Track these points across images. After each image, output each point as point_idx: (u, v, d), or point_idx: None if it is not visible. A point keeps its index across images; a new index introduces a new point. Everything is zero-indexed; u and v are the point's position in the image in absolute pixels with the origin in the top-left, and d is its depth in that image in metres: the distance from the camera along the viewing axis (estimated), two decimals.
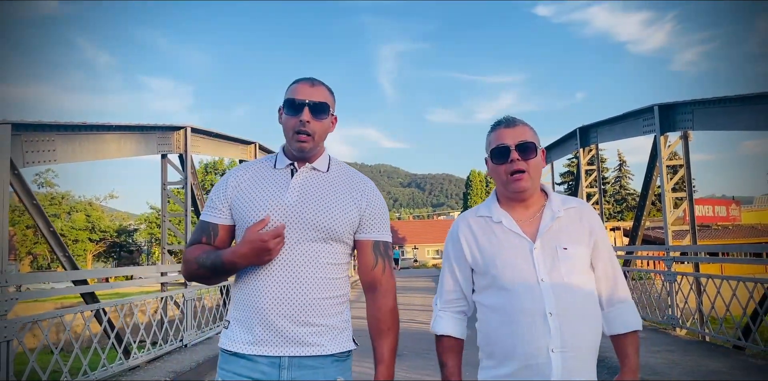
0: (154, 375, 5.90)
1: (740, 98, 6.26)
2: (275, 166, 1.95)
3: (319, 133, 1.89)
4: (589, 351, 1.78)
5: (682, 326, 7.68)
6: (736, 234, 32.53)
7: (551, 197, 1.92)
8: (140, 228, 55.69)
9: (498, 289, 1.82)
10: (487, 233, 1.89)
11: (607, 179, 53.79)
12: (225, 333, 1.89)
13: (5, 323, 4.22)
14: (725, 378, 5.08)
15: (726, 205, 35.81)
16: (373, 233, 1.95)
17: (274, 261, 1.80)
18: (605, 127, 10.24)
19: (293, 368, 1.79)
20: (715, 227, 34.94)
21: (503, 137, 1.86)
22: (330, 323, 1.84)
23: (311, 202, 1.86)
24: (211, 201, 1.95)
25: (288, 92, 1.91)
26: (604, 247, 1.90)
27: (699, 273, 7.66)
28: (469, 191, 60.54)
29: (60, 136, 5.31)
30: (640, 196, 9.36)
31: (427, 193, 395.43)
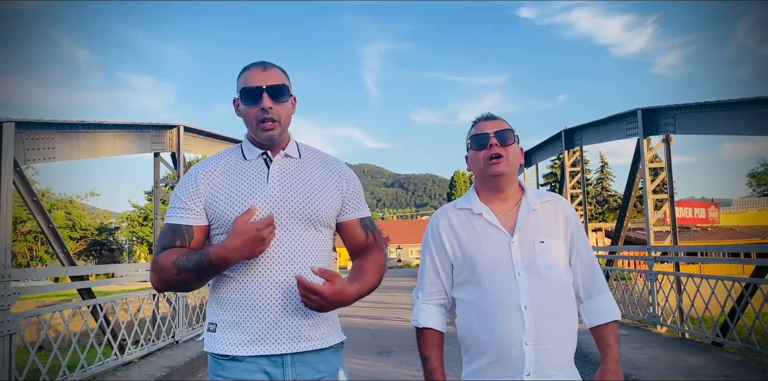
0: (149, 370, 5.99)
1: (720, 104, 6.50)
2: (245, 157, 1.85)
3: (284, 116, 1.81)
4: (564, 344, 1.79)
5: (662, 324, 7.92)
6: (715, 236, 33.11)
7: (527, 191, 1.95)
8: (122, 226, 55.28)
9: (475, 284, 1.84)
10: (466, 227, 1.91)
11: (588, 181, 54.45)
12: (213, 336, 1.78)
13: (8, 317, 4.31)
14: (703, 372, 5.30)
15: (705, 207, 36.44)
16: (358, 212, 1.93)
17: (267, 255, 1.72)
18: (590, 129, 10.47)
19: (296, 365, 1.74)
20: (695, 229, 35.55)
21: (483, 127, 1.92)
22: (326, 315, 1.81)
23: (295, 191, 1.80)
24: (179, 201, 1.79)
25: (240, 80, 1.81)
26: (580, 239, 1.92)
27: (679, 272, 7.91)
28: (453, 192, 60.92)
29: (59, 134, 5.39)
30: (623, 198, 9.61)
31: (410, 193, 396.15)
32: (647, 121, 8.19)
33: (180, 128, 8.18)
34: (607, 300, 1.92)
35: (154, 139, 7.62)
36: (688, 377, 5.13)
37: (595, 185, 54.79)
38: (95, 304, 5.82)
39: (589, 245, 1.95)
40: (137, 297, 6.86)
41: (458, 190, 59.99)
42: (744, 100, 6.05)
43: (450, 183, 63.46)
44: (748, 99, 5.99)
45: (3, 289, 4.28)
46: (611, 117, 9.32)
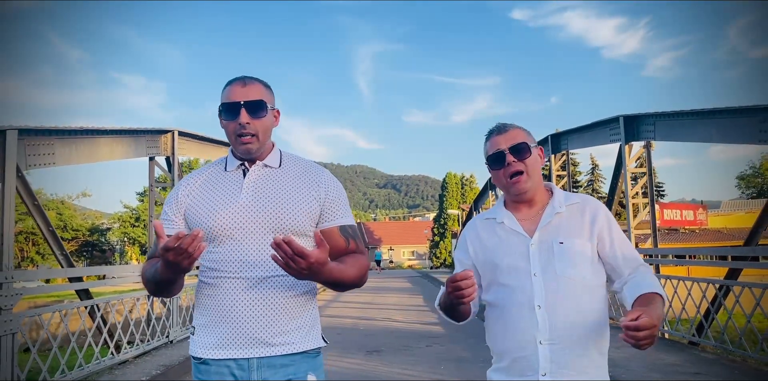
0: (145, 368, 6.19)
1: (695, 113, 6.77)
2: (226, 168, 1.93)
3: (261, 131, 1.86)
4: (583, 343, 1.74)
5: None
6: (703, 237, 33.48)
7: (555, 195, 1.94)
8: (113, 227, 55.21)
9: (497, 285, 1.86)
10: (490, 234, 1.94)
11: (579, 182, 54.86)
12: (192, 340, 1.87)
13: (10, 317, 4.49)
14: (677, 370, 5.55)
15: (693, 209, 36.85)
16: (338, 219, 1.93)
17: (238, 262, 1.79)
18: (575, 134, 10.74)
19: (263, 368, 1.78)
20: (683, 231, 35.97)
21: (497, 143, 1.90)
22: (297, 322, 1.84)
23: (266, 200, 1.84)
24: (164, 213, 1.92)
25: (222, 96, 1.88)
26: (612, 235, 1.85)
27: (659, 274, 8.17)
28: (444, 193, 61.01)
29: (59, 140, 5.58)
30: (607, 202, 9.87)
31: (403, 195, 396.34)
32: (629, 127, 8.46)
33: (174, 133, 8.38)
34: (648, 276, 1.79)
35: (149, 143, 7.82)
36: (664, 375, 5.38)
37: (585, 187, 55.21)
38: (93, 304, 6.01)
39: (625, 240, 1.88)
40: (132, 298, 7.05)
41: (450, 192, 60.14)
42: (717, 110, 6.31)
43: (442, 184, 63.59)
44: (720, 108, 6.26)
45: (6, 289, 4.47)
46: (595, 123, 9.59)
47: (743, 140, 5.94)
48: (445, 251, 54.85)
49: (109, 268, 7.90)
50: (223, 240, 1.81)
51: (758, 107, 5.65)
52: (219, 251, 1.81)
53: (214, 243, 1.82)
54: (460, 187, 61.02)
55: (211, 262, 1.83)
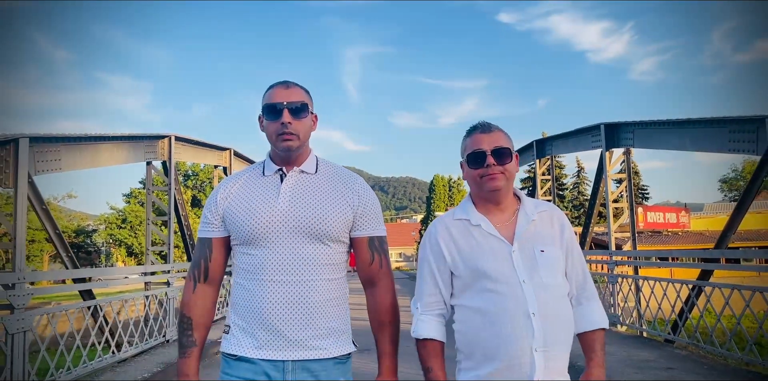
0: (146, 366, 6.43)
1: (671, 122, 7.14)
2: (264, 173, 1.96)
3: (302, 132, 1.90)
4: (566, 350, 1.81)
5: (622, 323, 8.54)
6: (685, 240, 34.03)
7: (524, 201, 1.95)
8: (99, 229, 54.96)
9: (480, 291, 1.83)
10: (465, 236, 1.90)
11: (565, 185, 55.47)
12: (226, 338, 1.92)
13: (23, 315, 4.73)
14: (651, 365, 5.90)
15: (676, 212, 37.46)
16: (368, 230, 1.96)
17: (275, 266, 1.84)
18: (559, 140, 11.11)
19: (297, 371, 1.83)
20: (666, 233, 36.56)
21: (479, 142, 1.88)
22: (332, 326, 1.88)
23: (303, 206, 1.87)
24: (204, 217, 1.98)
25: (265, 98, 1.92)
26: (573, 248, 1.93)
27: (637, 275, 8.54)
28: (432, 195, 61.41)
29: (65, 147, 5.83)
30: (588, 206, 10.24)
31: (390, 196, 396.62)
32: (609, 134, 8.83)
33: (171, 138, 8.63)
34: (596, 308, 1.93)
35: (147, 148, 8.07)
36: (638, 370, 5.71)
37: (571, 190, 55.83)
38: (96, 304, 6.25)
39: (581, 254, 1.97)
40: (131, 299, 7.30)
41: (437, 195, 60.56)
42: (691, 120, 6.69)
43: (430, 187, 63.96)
44: (693, 119, 6.63)
45: (19, 289, 4.71)
46: (578, 129, 9.96)
47: (714, 149, 6.31)
48: None
49: (110, 270, 8.08)
50: (260, 243, 1.86)
51: (728, 118, 6.03)
52: (256, 254, 1.86)
53: (251, 246, 1.87)
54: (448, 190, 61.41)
55: (247, 264, 1.88)
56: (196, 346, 1.92)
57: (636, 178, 62.60)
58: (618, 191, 9.67)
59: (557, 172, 53.44)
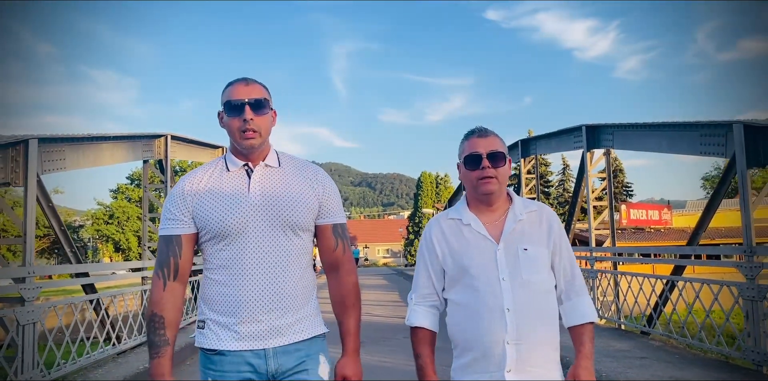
0: (144, 357, 6.69)
1: (648, 125, 7.50)
2: (228, 168, 1.99)
3: (264, 128, 1.95)
4: (544, 343, 1.90)
5: (601, 317, 8.92)
6: (667, 237, 34.66)
7: (514, 201, 2.05)
8: (86, 224, 54.75)
9: (464, 287, 1.97)
10: (456, 235, 2.03)
11: (551, 182, 56.12)
12: (202, 333, 1.94)
13: (32, 307, 4.99)
14: (625, 355, 6.27)
15: (659, 209, 38.15)
16: (332, 217, 2.05)
17: (252, 258, 1.89)
18: (543, 140, 11.47)
19: (278, 356, 1.90)
20: (649, 230, 37.23)
21: (476, 146, 2.00)
22: (306, 311, 1.98)
23: (275, 199, 1.93)
24: (169, 213, 1.96)
25: (224, 95, 1.96)
26: (562, 245, 2.02)
27: (616, 271, 8.92)
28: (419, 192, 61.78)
29: (68, 147, 6.07)
30: (570, 204, 10.60)
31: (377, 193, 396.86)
32: (590, 135, 9.18)
33: (167, 137, 8.87)
34: (584, 302, 2.02)
35: (144, 147, 8.30)
36: (614, 359, 6.07)
37: (557, 187, 56.46)
38: (98, 298, 6.51)
39: (570, 251, 2.07)
40: (131, 293, 7.56)
41: (424, 192, 60.95)
42: (666, 124, 7.05)
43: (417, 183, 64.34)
44: (668, 123, 6.99)
45: (29, 283, 4.96)
46: (561, 130, 10.32)
47: (687, 151, 6.66)
48: None
49: (111, 265, 8.28)
50: (234, 238, 1.90)
51: (699, 123, 6.39)
52: (231, 248, 1.90)
53: (225, 241, 1.91)
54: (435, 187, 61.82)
55: (222, 259, 1.92)
56: (168, 345, 1.89)
57: (620, 176, 63.36)
58: (599, 189, 10.04)
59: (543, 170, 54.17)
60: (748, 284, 5.40)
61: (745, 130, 5.58)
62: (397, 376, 6.08)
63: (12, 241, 5.63)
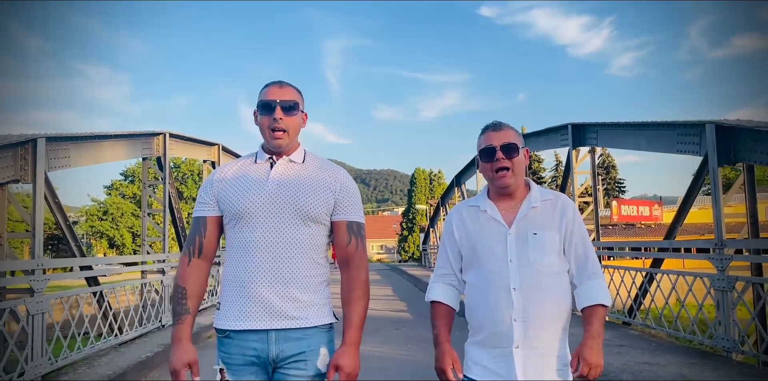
0: (147, 346, 6.98)
1: (630, 124, 7.81)
2: (256, 161, 2.15)
3: (292, 128, 2.09)
4: (551, 321, 2.01)
5: None
6: (657, 232, 35.05)
7: (532, 190, 2.17)
8: (80, 221, 54.75)
9: (477, 269, 2.11)
10: (473, 220, 2.17)
11: (543, 179, 56.61)
12: (217, 314, 2.09)
13: (41, 298, 5.26)
14: (606, 343, 6.57)
15: (649, 205, 38.57)
16: (347, 214, 2.14)
17: (261, 242, 2.01)
18: (532, 138, 11.76)
19: (280, 341, 1.99)
20: (640, 226, 37.67)
21: (490, 139, 2.12)
22: (312, 299, 2.05)
23: (289, 189, 2.05)
24: (200, 197, 2.15)
25: (260, 95, 2.11)
26: (575, 231, 2.11)
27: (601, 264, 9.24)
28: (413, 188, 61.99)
29: (73, 145, 6.33)
30: None
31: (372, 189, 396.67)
32: (576, 134, 9.49)
33: (166, 135, 9.12)
34: (595, 285, 2.09)
35: (144, 145, 8.55)
36: None
37: (549, 183, 56.94)
38: (101, 290, 6.78)
39: (585, 236, 2.14)
40: (132, 286, 7.83)
41: (419, 187, 61.17)
42: (645, 123, 7.36)
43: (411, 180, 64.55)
44: (648, 122, 7.31)
45: (38, 274, 5.23)
46: (549, 129, 10.62)
47: (665, 149, 6.98)
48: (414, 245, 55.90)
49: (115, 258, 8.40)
50: (249, 220, 2.04)
51: (676, 123, 6.70)
52: (245, 231, 2.04)
53: (240, 224, 2.05)
54: (429, 183, 62.09)
55: (237, 242, 2.06)
56: (189, 313, 2.05)
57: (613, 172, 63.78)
58: (584, 186, 10.35)
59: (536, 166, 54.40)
60: (719, 275, 5.73)
61: (717, 130, 5.90)
62: (388, 363, 6.39)
63: (21, 235, 5.88)
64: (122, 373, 5.64)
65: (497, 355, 2.02)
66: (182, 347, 2.00)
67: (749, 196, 5.93)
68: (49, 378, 5.39)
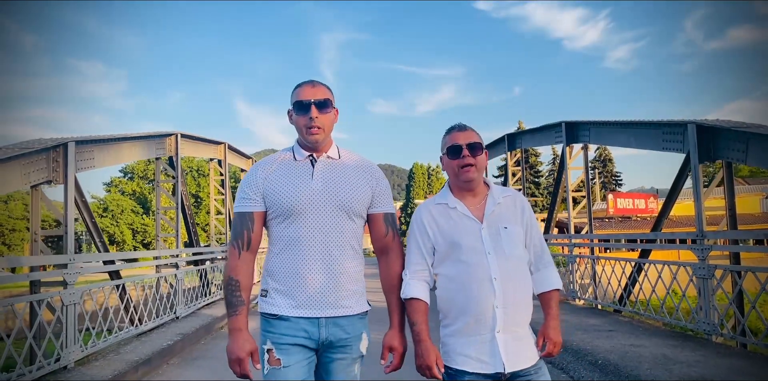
0: (166, 336, 7.42)
1: (619, 123, 8.26)
2: (295, 158, 2.24)
3: (327, 125, 2.20)
4: (524, 306, 2.19)
5: (579, 298, 9.72)
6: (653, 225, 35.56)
7: (492, 188, 2.34)
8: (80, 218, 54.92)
9: (454, 261, 2.21)
10: (444, 217, 2.28)
11: (540, 172, 57.09)
12: (265, 301, 2.20)
13: (74, 290, 5.69)
14: (595, 328, 7.06)
15: (645, 198, 39.03)
16: (383, 207, 2.30)
17: (311, 237, 2.13)
18: (527, 135, 12.23)
19: (329, 326, 2.14)
20: (636, 219, 38.16)
21: (456, 138, 2.27)
22: (354, 288, 2.21)
23: (334, 186, 2.18)
24: (244, 193, 2.22)
25: (294, 95, 2.20)
26: (532, 225, 2.33)
27: (593, 255, 9.71)
28: (411, 183, 62.48)
29: (97, 147, 6.76)
30: (552, 194, 11.36)
31: None
32: (569, 131, 9.93)
33: (177, 135, 9.56)
34: (550, 272, 2.33)
35: (157, 145, 9.00)
36: (585, 332, 6.84)
37: (547, 177, 57.44)
38: (122, 283, 7.23)
39: (539, 230, 2.38)
40: (151, 279, 8.28)
41: (417, 182, 61.72)
42: (634, 122, 7.81)
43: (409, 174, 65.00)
44: (636, 121, 7.75)
45: (71, 268, 5.67)
46: (544, 126, 11.06)
47: (651, 147, 7.42)
48: None
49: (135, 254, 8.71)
50: (298, 217, 2.15)
51: (662, 122, 7.15)
52: (294, 227, 2.16)
53: (289, 219, 2.16)
54: (427, 177, 62.60)
55: (286, 236, 2.17)
56: (243, 304, 2.16)
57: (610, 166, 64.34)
58: (578, 180, 10.81)
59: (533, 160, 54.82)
60: (700, 264, 6.19)
61: (698, 129, 6.35)
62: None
63: (53, 232, 6.31)
64: (148, 359, 6.09)
65: (478, 342, 2.15)
66: (243, 336, 2.10)
67: (728, 190, 6.38)
68: (81, 363, 5.82)
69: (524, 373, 2.16)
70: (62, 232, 6.03)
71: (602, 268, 8.84)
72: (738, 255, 6.32)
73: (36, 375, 4.90)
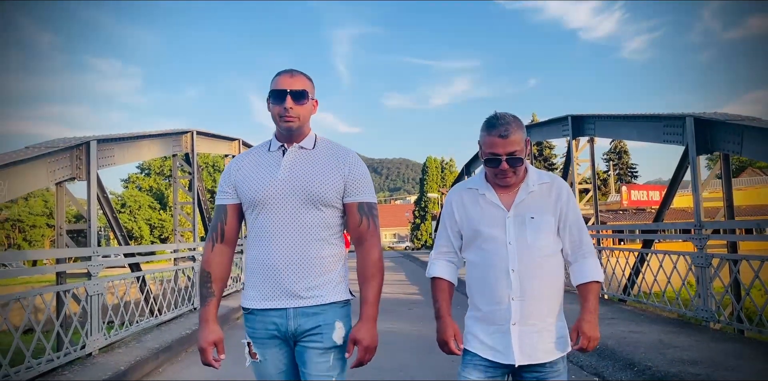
0: (185, 325, 7.75)
1: (623, 116, 8.42)
2: (269, 149, 2.23)
3: (303, 115, 2.15)
4: (545, 300, 2.12)
5: None
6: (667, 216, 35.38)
7: (529, 174, 2.20)
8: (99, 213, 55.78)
9: (477, 249, 2.19)
10: (473, 202, 2.22)
11: (555, 165, 56.98)
12: (242, 294, 2.23)
13: (98, 281, 6.02)
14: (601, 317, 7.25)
15: (659, 190, 38.93)
16: (357, 196, 2.19)
17: (275, 228, 2.11)
18: (535, 129, 12.39)
19: (298, 317, 2.11)
20: (650, 210, 38.08)
21: (496, 146, 2.09)
22: (326, 278, 2.15)
23: (301, 176, 2.13)
24: (220, 186, 2.27)
25: (272, 84, 2.16)
26: (569, 213, 2.18)
27: (599, 246, 9.90)
28: (425, 177, 62.55)
29: (117, 145, 7.07)
30: None
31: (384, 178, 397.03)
32: (576, 125, 10.10)
33: (193, 133, 9.87)
34: (590, 264, 2.20)
35: (174, 142, 9.31)
36: None
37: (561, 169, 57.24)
38: (143, 275, 7.58)
39: (579, 218, 2.22)
40: (171, 272, 8.62)
41: (431, 175, 61.75)
42: (637, 115, 7.97)
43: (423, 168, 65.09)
44: (638, 115, 7.92)
45: (95, 260, 5.99)
46: (550, 120, 11.24)
47: (653, 140, 7.59)
48: (426, 233, 56.62)
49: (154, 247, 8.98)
50: (263, 208, 2.14)
51: (662, 115, 7.32)
52: (262, 218, 2.15)
53: (256, 211, 2.16)
54: (440, 171, 62.63)
55: (255, 228, 2.18)
56: (214, 296, 2.18)
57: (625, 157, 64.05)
58: (585, 172, 10.98)
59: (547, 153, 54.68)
60: (698, 253, 6.38)
61: (696, 122, 6.52)
62: (401, 338, 7.11)
63: (79, 226, 6.64)
64: (168, 346, 6.41)
65: (495, 331, 2.13)
66: (208, 327, 2.14)
67: (725, 182, 6.55)
68: (105, 351, 6.16)
69: (538, 370, 2.13)
70: (85, 226, 6.33)
71: (607, 258, 9.03)
72: (735, 244, 6.49)
73: (63, 360, 5.23)
